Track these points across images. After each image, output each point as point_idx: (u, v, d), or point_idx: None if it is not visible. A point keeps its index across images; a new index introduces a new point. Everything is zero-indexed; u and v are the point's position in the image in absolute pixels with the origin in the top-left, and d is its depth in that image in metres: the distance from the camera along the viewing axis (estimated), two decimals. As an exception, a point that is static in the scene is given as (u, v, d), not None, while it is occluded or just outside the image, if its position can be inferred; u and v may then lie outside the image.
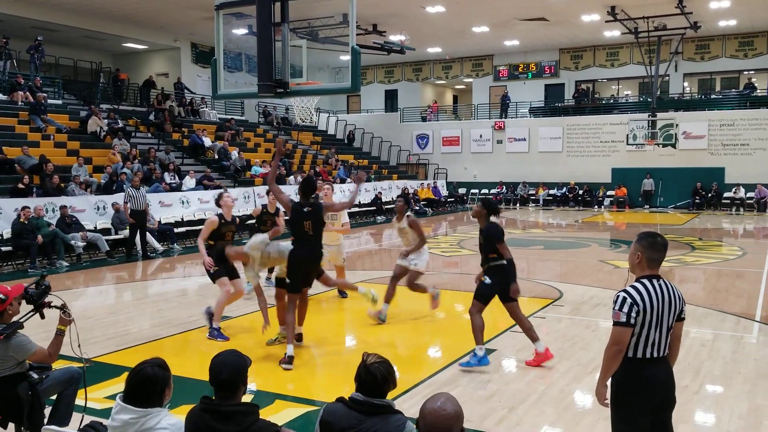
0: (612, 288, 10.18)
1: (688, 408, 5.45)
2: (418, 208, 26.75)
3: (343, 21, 17.82)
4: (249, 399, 5.46)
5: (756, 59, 28.81)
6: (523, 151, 30.94)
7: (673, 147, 26.37)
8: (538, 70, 33.12)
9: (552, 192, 29.92)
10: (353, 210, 21.92)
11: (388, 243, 15.37)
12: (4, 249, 13.23)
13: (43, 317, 4.27)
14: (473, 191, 31.37)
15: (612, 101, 32.52)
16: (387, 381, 3.05)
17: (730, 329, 8.15)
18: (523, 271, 12.39)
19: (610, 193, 28.79)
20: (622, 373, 3.53)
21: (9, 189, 14.67)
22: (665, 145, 26.14)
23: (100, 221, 15.40)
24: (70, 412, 4.51)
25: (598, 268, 12.92)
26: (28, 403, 4.22)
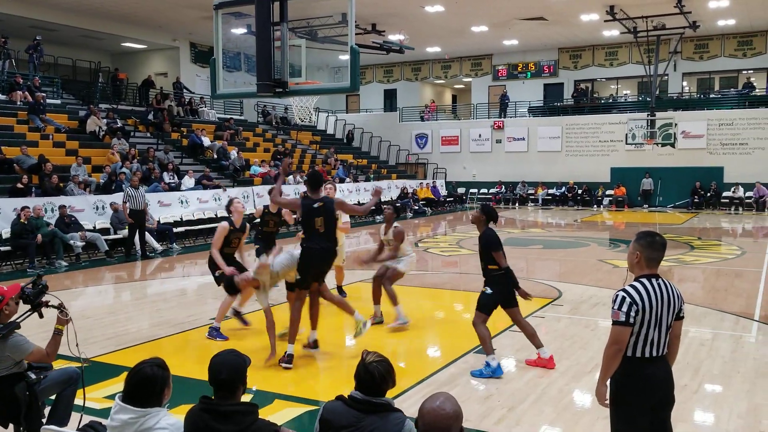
0: (611, 287, 10.18)
1: (687, 407, 5.46)
2: (417, 208, 26.77)
3: (342, 20, 17.79)
4: (248, 398, 5.46)
5: (755, 59, 28.83)
6: (522, 151, 30.95)
7: (672, 146, 26.41)
8: (537, 70, 33.12)
9: (551, 191, 29.92)
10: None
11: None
12: (2, 249, 13.22)
13: (41, 316, 4.27)
14: (472, 191, 31.41)
15: (611, 101, 32.53)
16: (386, 380, 3.05)
17: (729, 328, 8.16)
18: (522, 271, 12.37)
19: (609, 192, 28.80)
20: (621, 373, 3.53)
21: (8, 189, 14.66)
22: (664, 145, 26.19)
23: (99, 221, 15.40)
24: (69, 412, 4.51)
25: (597, 267, 12.93)
26: (25, 403, 4.22)
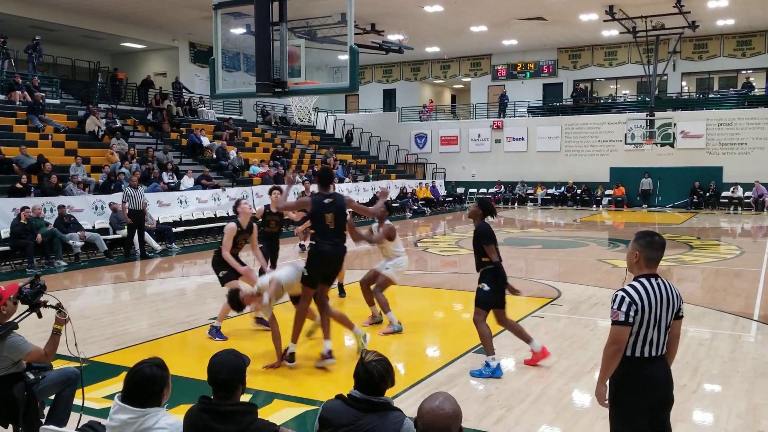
0: (610, 287, 10.18)
1: (687, 407, 5.46)
2: (417, 208, 26.77)
3: (341, 20, 17.81)
4: (247, 398, 5.47)
5: (754, 58, 28.85)
6: (522, 151, 30.95)
7: (671, 146, 26.41)
8: (536, 70, 33.13)
9: (550, 191, 29.93)
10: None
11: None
12: (1, 249, 13.21)
13: (40, 316, 4.26)
14: (471, 191, 31.41)
15: (610, 101, 32.53)
16: (384, 379, 3.06)
17: (728, 328, 8.16)
18: (522, 271, 12.35)
19: (609, 192, 28.81)
20: (620, 372, 3.53)
21: (7, 189, 14.64)
22: (663, 145, 26.19)
23: (98, 221, 15.39)
24: (68, 413, 4.51)
25: (596, 267, 12.93)
26: (24, 403, 4.21)
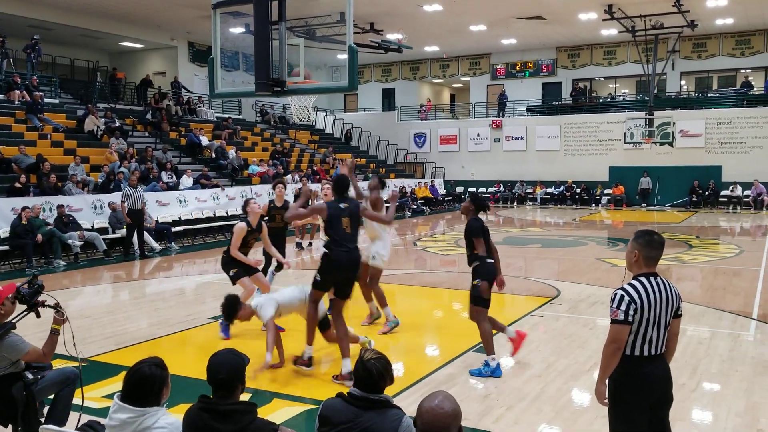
0: (609, 286, 10.19)
1: (686, 406, 5.46)
2: (416, 207, 26.77)
3: (340, 20, 17.77)
4: (247, 398, 5.46)
5: (753, 57, 28.85)
6: (521, 150, 30.96)
7: (671, 145, 26.44)
8: (535, 69, 33.12)
9: (549, 190, 29.93)
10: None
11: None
12: (0, 248, 13.20)
13: (38, 316, 4.25)
14: (470, 190, 31.36)
15: (609, 100, 32.53)
16: (383, 377, 3.08)
17: (728, 327, 8.17)
18: (521, 270, 12.36)
19: (608, 191, 28.82)
20: (619, 371, 3.53)
21: (6, 188, 14.63)
22: (662, 144, 26.22)
23: (98, 220, 15.39)
24: (67, 412, 4.51)
25: (595, 266, 12.93)
26: (22, 403, 4.21)
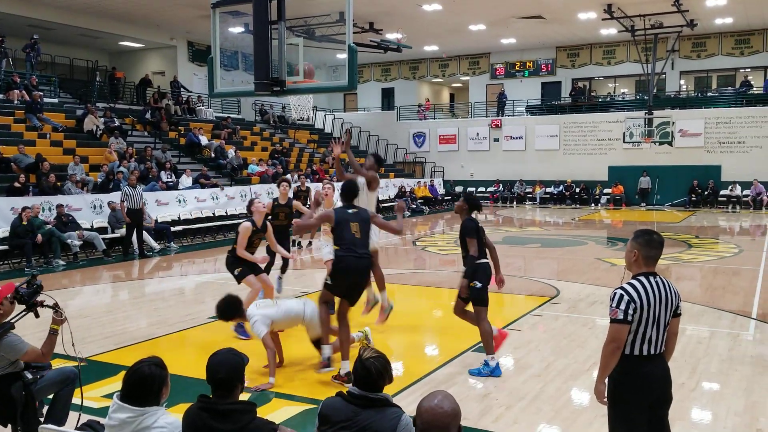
0: (609, 286, 10.20)
1: (685, 405, 5.47)
2: (415, 207, 26.77)
3: (339, 19, 17.79)
4: (246, 397, 5.46)
5: (752, 57, 28.87)
6: (520, 149, 30.96)
7: (670, 145, 26.47)
8: (534, 68, 33.13)
9: (549, 190, 29.94)
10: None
11: (385, 241, 15.39)
12: (0, 248, 13.20)
13: (37, 316, 4.25)
14: (470, 189, 31.39)
15: (609, 99, 32.54)
16: (382, 375, 3.09)
17: (727, 327, 8.18)
18: (520, 269, 12.38)
19: (607, 191, 28.84)
20: (619, 371, 3.53)
21: (5, 188, 14.63)
22: (662, 143, 26.26)
23: (97, 220, 15.39)
24: (66, 412, 4.50)
25: (594, 265, 12.94)
26: (21, 403, 4.21)
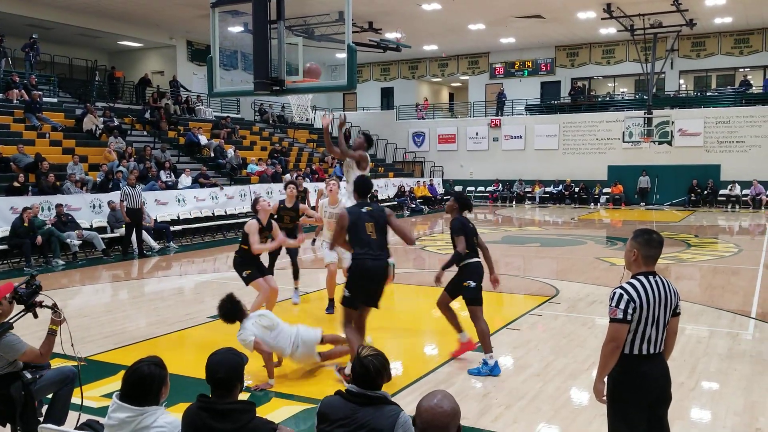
0: (608, 285, 10.20)
1: (684, 404, 5.47)
2: (415, 206, 26.76)
3: (339, 19, 17.74)
4: (246, 397, 5.46)
5: (751, 56, 28.87)
6: (519, 149, 30.96)
7: (669, 144, 26.47)
8: (534, 68, 33.13)
9: (548, 189, 29.94)
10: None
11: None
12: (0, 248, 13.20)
13: (36, 316, 4.24)
14: (469, 189, 31.39)
15: (608, 99, 32.53)
16: (380, 373, 3.09)
17: (726, 326, 8.18)
18: (520, 269, 12.40)
19: (606, 190, 28.83)
20: (618, 370, 3.54)
21: (4, 187, 14.62)
22: (661, 143, 26.26)
23: (96, 219, 15.39)
24: (66, 411, 4.50)
25: (594, 265, 12.94)
26: (20, 403, 4.21)
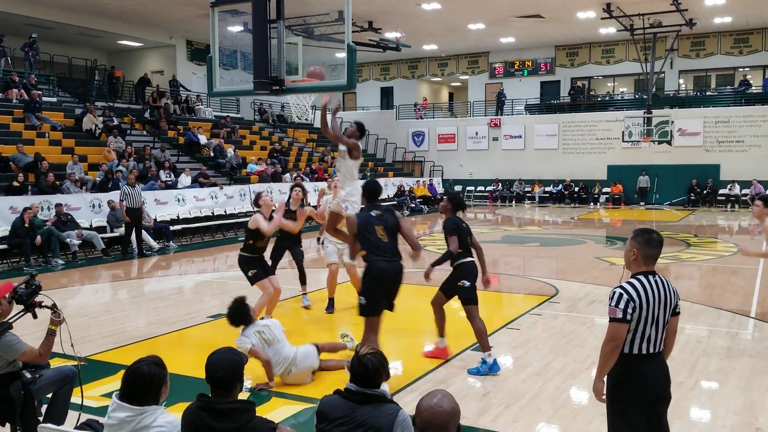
0: (608, 285, 10.20)
1: (684, 404, 5.47)
2: (414, 206, 26.77)
3: (338, 18, 17.80)
4: (245, 396, 5.46)
5: (751, 56, 28.89)
6: (519, 149, 30.97)
7: (669, 144, 26.49)
8: (533, 67, 33.14)
9: (548, 189, 29.95)
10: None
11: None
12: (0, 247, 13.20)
13: (35, 317, 4.24)
14: (469, 188, 31.41)
15: (608, 98, 32.55)
16: (379, 372, 3.10)
17: (726, 326, 8.18)
18: (519, 268, 12.42)
19: (606, 190, 28.85)
20: (617, 369, 3.54)
21: (4, 187, 14.61)
22: (660, 142, 26.28)
23: (96, 219, 15.39)
24: (65, 411, 4.50)
25: (593, 265, 12.94)
26: (20, 402, 4.21)
